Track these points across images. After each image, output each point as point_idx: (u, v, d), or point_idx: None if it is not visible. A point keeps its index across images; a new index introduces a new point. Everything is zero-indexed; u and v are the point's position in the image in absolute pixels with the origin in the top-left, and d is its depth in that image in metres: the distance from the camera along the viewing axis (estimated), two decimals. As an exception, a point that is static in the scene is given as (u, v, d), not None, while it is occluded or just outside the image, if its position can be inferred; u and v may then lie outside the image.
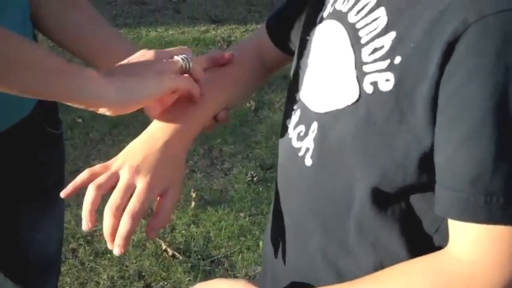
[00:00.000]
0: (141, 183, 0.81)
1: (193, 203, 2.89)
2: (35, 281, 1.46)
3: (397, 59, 0.70)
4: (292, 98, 0.92)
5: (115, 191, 0.79)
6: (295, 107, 0.89)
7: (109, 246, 0.78)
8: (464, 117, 0.65)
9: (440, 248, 0.72)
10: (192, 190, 2.98)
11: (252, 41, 1.12)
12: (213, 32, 5.68)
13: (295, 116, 0.88)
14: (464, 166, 0.65)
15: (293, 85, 0.92)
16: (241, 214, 2.83)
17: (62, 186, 1.43)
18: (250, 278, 2.39)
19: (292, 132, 0.88)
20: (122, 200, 0.79)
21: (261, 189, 3.04)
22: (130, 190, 0.80)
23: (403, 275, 0.71)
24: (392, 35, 0.71)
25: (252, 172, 3.16)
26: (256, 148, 3.45)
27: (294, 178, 0.86)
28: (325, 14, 0.87)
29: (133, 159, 0.86)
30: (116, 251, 0.77)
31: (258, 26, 5.82)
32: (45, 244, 1.42)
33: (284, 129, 0.91)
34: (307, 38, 0.90)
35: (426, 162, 0.69)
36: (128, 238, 0.76)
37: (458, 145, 0.65)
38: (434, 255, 0.71)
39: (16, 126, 1.23)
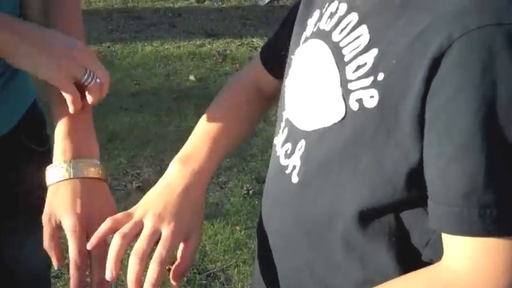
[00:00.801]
0: (166, 231, 0.84)
1: (189, 217, 2.88)
2: None
3: (380, 76, 0.71)
4: (279, 117, 0.94)
5: (141, 239, 0.82)
6: (282, 125, 0.91)
7: None
8: (453, 132, 0.65)
9: (430, 261, 0.73)
10: (188, 204, 2.97)
11: (245, 77, 1.12)
12: (209, 46, 5.70)
13: (283, 135, 0.89)
14: (456, 180, 0.65)
15: (280, 104, 0.94)
16: (237, 227, 2.82)
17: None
18: None
19: (279, 150, 0.89)
20: (148, 247, 0.83)
21: (256, 202, 3.04)
22: (155, 237, 0.84)
23: None
24: (374, 52, 0.72)
25: (248, 185, 3.17)
26: (251, 161, 3.46)
27: (281, 195, 0.87)
28: (308, 33, 0.88)
29: (156, 207, 0.88)
30: None
31: (253, 40, 5.85)
32: (32, 260, 1.40)
33: (273, 147, 0.93)
34: (292, 57, 0.91)
35: (414, 177, 0.70)
36: (157, 286, 0.78)
37: (450, 160, 0.66)
38: (431, 268, 0.71)
39: None
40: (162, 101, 4.39)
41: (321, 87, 0.80)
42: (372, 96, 0.71)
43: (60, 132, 1.07)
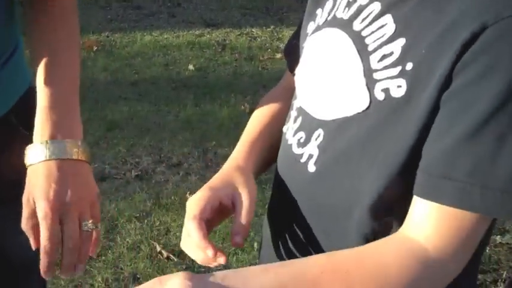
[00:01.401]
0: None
1: (188, 205, 2.89)
2: (17, 283, 1.44)
3: (409, 65, 0.71)
4: (290, 106, 0.93)
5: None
6: (294, 114, 0.90)
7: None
8: (469, 113, 0.66)
9: None
10: (188, 192, 2.98)
11: (279, 85, 1.09)
12: (208, 35, 5.70)
13: (296, 123, 0.88)
14: (464, 158, 0.66)
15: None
16: (236, 216, 2.83)
17: None
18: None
19: (291, 139, 0.88)
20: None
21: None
22: None
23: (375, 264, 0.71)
24: (401, 41, 0.72)
25: (247, 174, 3.16)
26: (251, 150, 3.46)
27: (295, 183, 0.87)
28: (320, 22, 0.88)
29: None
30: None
31: (253, 30, 5.84)
32: (27, 246, 1.40)
33: (283, 136, 0.92)
34: (303, 45, 0.91)
35: None
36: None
37: (460, 138, 0.66)
38: (400, 237, 0.71)
39: None
40: (161, 90, 4.39)
41: (340, 76, 0.79)
42: (399, 86, 0.71)
43: (41, 110, 1.04)
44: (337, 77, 0.79)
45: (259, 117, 1.00)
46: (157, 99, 4.22)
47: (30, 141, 1.31)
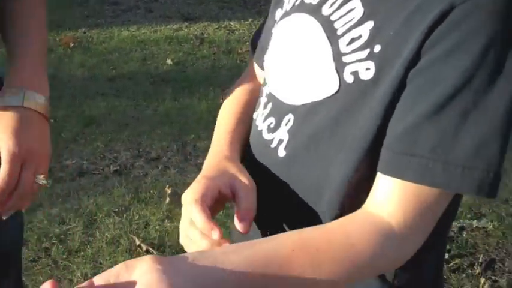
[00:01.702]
0: None
1: (167, 199, 2.88)
2: None
3: (377, 48, 0.72)
4: (260, 92, 0.93)
5: None
6: (264, 100, 0.90)
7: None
8: (433, 90, 0.67)
9: None
10: (167, 186, 2.98)
11: (245, 74, 1.09)
12: (186, 29, 5.68)
13: (266, 109, 0.88)
14: (427, 135, 0.68)
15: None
16: (215, 208, 2.83)
17: None
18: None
19: (261, 125, 0.88)
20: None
21: (234, 182, 3.04)
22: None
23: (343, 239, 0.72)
24: (369, 24, 0.73)
25: (226, 166, 3.16)
26: (229, 142, 3.45)
27: (267, 169, 0.87)
28: (288, 7, 0.88)
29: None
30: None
31: (231, 23, 5.83)
32: (1, 235, 1.39)
33: (253, 122, 0.92)
34: (272, 31, 0.91)
35: None
36: None
37: (423, 115, 0.68)
38: (363, 213, 0.73)
39: None
40: (139, 85, 4.37)
41: (310, 61, 0.79)
42: (367, 69, 0.72)
43: (13, 70, 1.10)
44: (306, 62, 0.80)
45: (231, 107, 1.00)
46: (135, 94, 4.20)
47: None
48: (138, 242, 2.56)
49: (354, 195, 0.76)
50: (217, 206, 0.83)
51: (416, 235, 0.72)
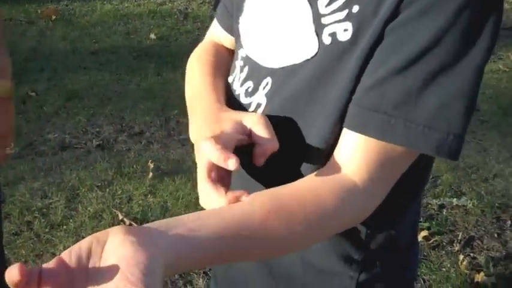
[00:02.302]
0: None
1: (150, 174, 2.88)
2: None
3: (355, 8, 0.71)
4: (235, 55, 0.91)
5: None
6: (240, 64, 0.89)
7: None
8: (404, 48, 0.67)
9: None
10: (150, 161, 2.97)
11: (207, 39, 1.05)
12: (170, 4, 5.62)
13: (243, 73, 0.87)
14: (392, 92, 0.68)
15: (235, 42, 0.92)
16: (199, 183, 2.83)
17: None
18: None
19: (239, 89, 0.87)
20: None
21: (218, 158, 3.04)
22: None
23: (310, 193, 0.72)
24: None
25: (209, 142, 3.16)
26: (213, 118, 3.45)
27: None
28: None
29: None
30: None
31: (215, -2, 5.77)
32: None
33: (229, 87, 0.90)
34: None
35: None
36: None
37: (391, 72, 0.68)
38: (334, 175, 0.73)
39: None
40: (122, 60, 4.33)
41: (289, 24, 0.78)
42: (345, 30, 0.71)
43: None
44: (285, 24, 0.79)
45: (200, 68, 0.94)
46: (118, 68, 4.16)
47: None
48: (121, 217, 2.56)
49: (330, 155, 0.76)
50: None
51: (378, 190, 0.73)
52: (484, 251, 2.45)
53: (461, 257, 2.38)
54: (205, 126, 0.78)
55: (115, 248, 0.55)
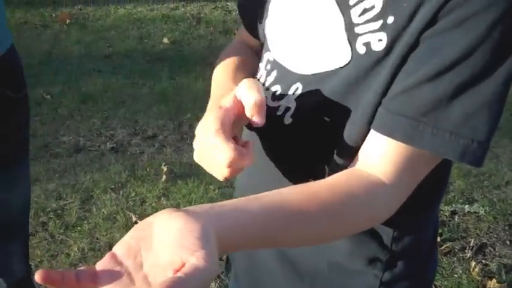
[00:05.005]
0: None
1: (164, 177, 2.90)
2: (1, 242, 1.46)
3: (390, 19, 0.72)
4: (261, 59, 0.93)
5: None
6: (267, 67, 0.90)
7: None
8: (436, 57, 0.69)
9: None
10: (163, 164, 2.99)
11: (234, 41, 1.08)
12: (183, 9, 5.66)
13: (270, 76, 0.88)
14: (421, 98, 0.70)
15: (262, 44, 0.93)
16: (211, 187, 2.85)
17: (25, 150, 1.44)
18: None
19: (265, 92, 0.87)
20: None
21: (230, 162, 3.06)
22: None
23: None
24: None
25: (222, 146, 3.19)
26: (226, 123, 3.47)
27: (270, 136, 0.88)
28: None
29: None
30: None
31: (228, 3, 5.81)
32: (7, 206, 1.42)
33: None
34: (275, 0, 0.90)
35: None
36: None
37: (422, 79, 0.70)
38: (362, 173, 0.75)
39: None
40: (135, 63, 4.36)
41: (321, 31, 0.79)
42: (380, 40, 0.73)
43: None
44: (317, 31, 0.80)
45: (226, 68, 0.97)
46: (131, 72, 4.19)
47: (13, 101, 1.33)
48: (134, 219, 2.58)
49: (355, 155, 0.78)
50: (236, 129, 0.78)
51: (401, 191, 0.75)
52: (496, 258, 2.45)
53: (473, 263, 2.38)
54: (209, 111, 0.79)
55: (164, 225, 0.56)
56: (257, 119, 0.75)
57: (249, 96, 0.75)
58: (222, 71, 0.94)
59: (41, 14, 5.27)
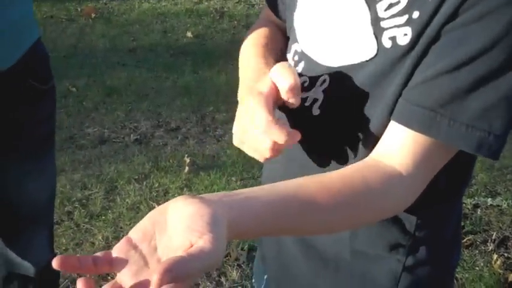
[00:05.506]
0: None
1: (186, 168, 2.94)
2: (22, 231, 1.50)
3: (415, 14, 0.74)
4: (288, 49, 0.95)
5: None
6: (295, 58, 0.92)
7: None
8: (457, 49, 0.70)
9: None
10: (186, 156, 3.03)
11: (261, 19, 1.09)
12: (206, 3, 5.69)
13: (297, 67, 0.90)
14: (440, 90, 0.71)
15: (290, 37, 0.95)
16: (233, 178, 2.88)
17: (51, 141, 1.47)
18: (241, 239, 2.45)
19: None
20: None
21: (252, 154, 3.09)
22: None
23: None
24: None
25: (244, 138, 3.21)
26: (248, 115, 3.49)
27: (298, 126, 0.88)
28: None
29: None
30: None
31: (251, -3, 5.83)
32: (34, 194, 1.45)
33: None
34: None
35: None
36: None
37: (441, 71, 0.71)
38: (375, 161, 0.77)
39: None
40: (159, 57, 4.41)
41: (348, 25, 0.81)
42: (405, 34, 0.74)
43: None
44: (344, 25, 0.82)
45: (256, 48, 0.98)
46: (155, 65, 4.24)
47: (40, 92, 1.36)
48: (157, 209, 2.62)
49: (375, 145, 0.80)
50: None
51: (418, 182, 0.76)
52: (518, 251, 2.44)
53: (494, 256, 2.37)
54: (248, 96, 0.82)
55: (178, 210, 0.59)
56: (293, 101, 0.79)
57: (283, 80, 0.78)
58: (253, 51, 0.96)
59: (67, 9, 5.35)
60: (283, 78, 0.78)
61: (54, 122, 1.46)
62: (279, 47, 0.98)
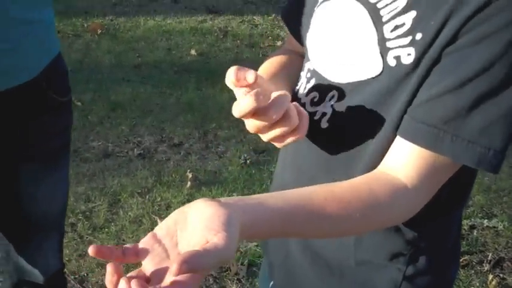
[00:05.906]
0: None
1: (188, 183, 2.99)
2: (32, 239, 1.54)
3: (418, 36, 0.80)
4: (303, 67, 1.01)
5: None
6: (307, 75, 0.98)
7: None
8: (459, 69, 0.76)
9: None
10: (188, 171, 3.08)
11: (283, 47, 1.17)
12: (210, 22, 5.77)
13: (309, 84, 0.96)
14: (443, 108, 0.77)
15: (305, 56, 1.01)
16: (234, 194, 2.93)
17: (66, 151, 1.51)
18: (242, 253, 2.49)
19: (304, 98, 0.96)
20: None
21: (253, 171, 3.14)
22: None
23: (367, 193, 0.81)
24: (412, 14, 0.81)
25: (245, 155, 3.27)
26: (249, 133, 3.53)
27: (308, 138, 0.94)
28: None
29: None
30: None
31: (254, 17, 5.92)
32: (46, 204, 1.50)
33: (294, 95, 0.99)
34: (315, 9, 0.97)
35: None
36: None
37: (445, 89, 0.77)
38: (381, 174, 0.82)
39: (19, 87, 1.30)
40: (163, 74, 4.47)
41: (356, 44, 0.86)
42: (409, 54, 0.80)
43: None
44: (352, 44, 0.88)
45: (272, 64, 1.05)
46: (159, 82, 4.30)
47: (59, 104, 1.41)
48: (159, 222, 2.66)
49: (379, 162, 0.85)
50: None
51: (423, 194, 0.82)
52: (513, 272, 2.48)
53: (490, 277, 2.42)
54: None
55: (199, 211, 0.66)
56: (303, 132, 0.83)
57: (295, 117, 0.81)
58: (271, 67, 1.03)
59: (73, 24, 5.43)
60: (295, 117, 0.81)
61: (69, 135, 1.51)
62: (294, 70, 1.03)
